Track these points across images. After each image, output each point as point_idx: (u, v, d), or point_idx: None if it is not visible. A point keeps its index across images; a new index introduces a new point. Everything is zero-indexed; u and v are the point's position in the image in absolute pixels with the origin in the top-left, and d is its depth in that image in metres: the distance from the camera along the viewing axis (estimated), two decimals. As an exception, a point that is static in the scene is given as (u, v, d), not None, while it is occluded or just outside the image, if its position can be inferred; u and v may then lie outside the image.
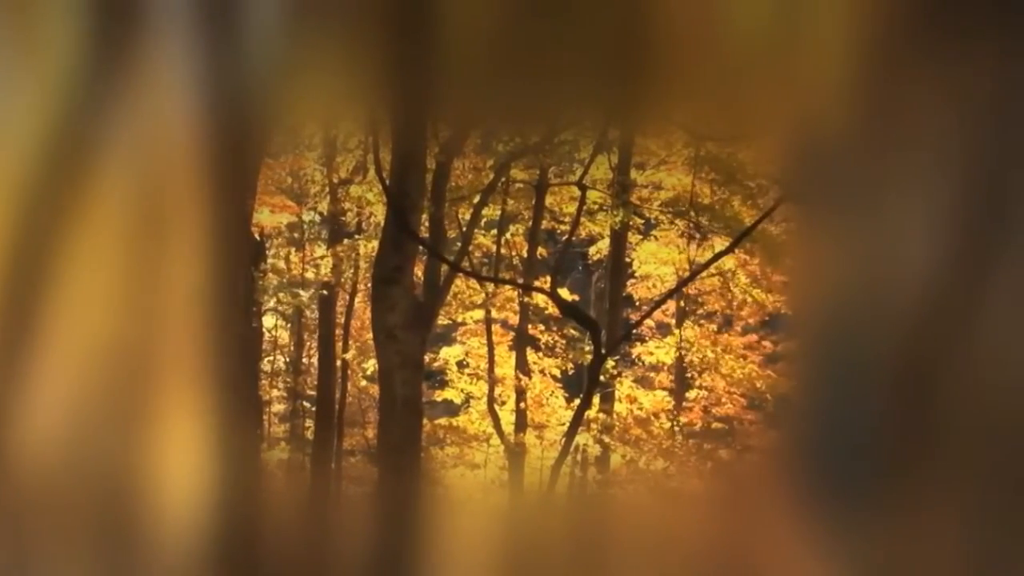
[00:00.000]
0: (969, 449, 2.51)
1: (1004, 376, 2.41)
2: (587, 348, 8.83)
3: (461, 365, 9.75)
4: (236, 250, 2.68)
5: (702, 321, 10.00)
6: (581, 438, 8.87)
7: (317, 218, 8.83)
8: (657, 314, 9.83)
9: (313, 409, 8.79)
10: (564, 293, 9.52)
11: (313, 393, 8.87)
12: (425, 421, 8.66)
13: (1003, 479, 2.44)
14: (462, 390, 9.60)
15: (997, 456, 2.45)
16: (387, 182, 6.86)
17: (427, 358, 9.28)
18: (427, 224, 7.67)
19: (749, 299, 9.75)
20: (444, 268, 7.95)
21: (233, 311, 2.68)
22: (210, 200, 2.62)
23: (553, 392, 9.53)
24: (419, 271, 7.75)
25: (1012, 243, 2.34)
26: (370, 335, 7.49)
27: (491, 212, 9.16)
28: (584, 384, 8.76)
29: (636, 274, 10.14)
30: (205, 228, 2.62)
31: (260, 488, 2.68)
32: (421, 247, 7.43)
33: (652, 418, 9.58)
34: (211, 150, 2.62)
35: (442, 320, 9.34)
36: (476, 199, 8.46)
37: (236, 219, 2.69)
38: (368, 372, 8.92)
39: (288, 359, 9.31)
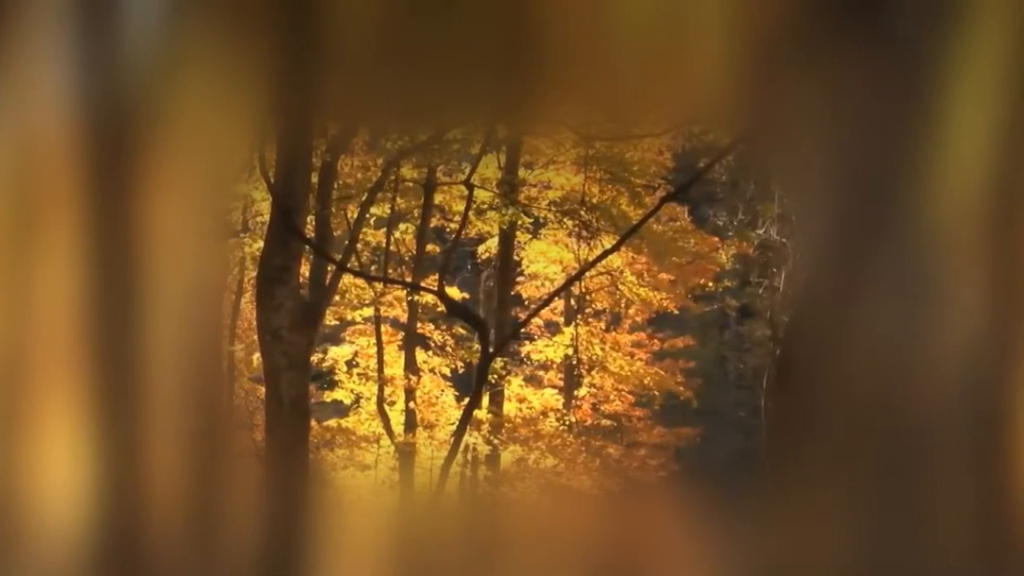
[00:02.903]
0: (850, 438, 2.57)
1: (881, 368, 2.48)
2: (476, 347, 8.84)
3: (350, 365, 9.67)
4: (120, 251, 2.61)
5: (590, 319, 10.10)
6: (471, 437, 8.88)
7: (201, 217, 8.62)
8: (546, 313, 9.90)
9: (198, 411, 8.58)
10: (453, 292, 9.52)
11: (198, 395, 8.66)
12: (315, 423, 8.56)
13: (881, 465, 2.51)
14: (352, 390, 9.52)
15: (876, 444, 2.52)
16: (272, 180, 6.76)
17: (316, 358, 9.18)
18: (314, 223, 7.59)
19: (636, 297, 9.88)
20: (332, 267, 7.88)
21: (120, 313, 2.61)
22: (88, 201, 2.55)
23: (443, 391, 9.52)
24: (306, 270, 7.66)
25: (887, 240, 2.41)
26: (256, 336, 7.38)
27: (382, 210, 9.11)
28: (473, 383, 8.77)
29: (525, 272, 10.20)
30: (84, 230, 2.55)
31: (145, 492, 2.62)
32: (307, 246, 7.34)
33: (541, 416, 9.64)
34: (89, 150, 2.55)
35: (331, 319, 9.25)
36: (364, 198, 8.40)
37: (118, 220, 2.61)
38: (255, 373, 8.79)
39: (172, 361, 9.04)
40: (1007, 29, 2.30)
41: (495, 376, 9.10)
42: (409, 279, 9.21)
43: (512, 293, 9.98)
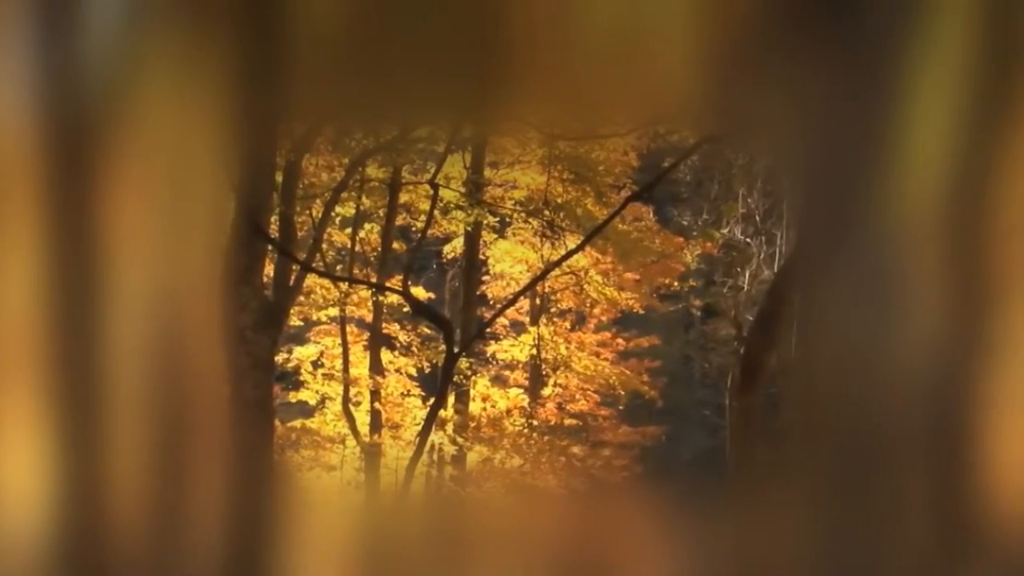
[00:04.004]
0: (813, 436, 2.59)
1: (845, 366, 2.50)
2: (442, 347, 8.84)
3: (315, 365, 9.63)
4: (81, 251, 2.58)
5: (556, 319, 10.11)
6: (436, 437, 8.87)
7: (164, 216, 8.52)
8: (511, 312, 9.90)
9: (162, 412, 8.48)
10: (419, 292, 9.50)
11: (161, 396, 8.56)
12: (279, 424, 8.51)
13: (845, 463, 2.53)
14: (317, 391, 9.48)
15: (839, 442, 2.53)
16: (235, 180, 6.72)
17: (281, 358, 9.14)
18: (278, 223, 7.55)
19: (602, 297, 9.91)
20: (297, 267, 7.84)
21: (82, 313, 2.58)
22: (49, 202, 2.52)
23: (409, 391, 9.50)
24: (270, 270, 7.62)
25: (852, 239, 2.43)
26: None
27: (347, 210, 9.08)
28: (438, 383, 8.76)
29: (491, 272, 10.19)
30: (45, 230, 2.52)
31: (107, 494, 2.59)
32: (271, 246, 7.30)
33: (506, 416, 9.65)
34: (49, 150, 2.52)
35: (295, 320, 9.21)
36: (329, 197, 8.37)
37: (80, 220, 2.59)
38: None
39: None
40: (970, 30, 2.32)
41: (461, 376, 9.10)
42: (374, 279, 9.18)
43: (478, 293, 9.98)
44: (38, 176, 2.53)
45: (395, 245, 9.46)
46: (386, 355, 9.49)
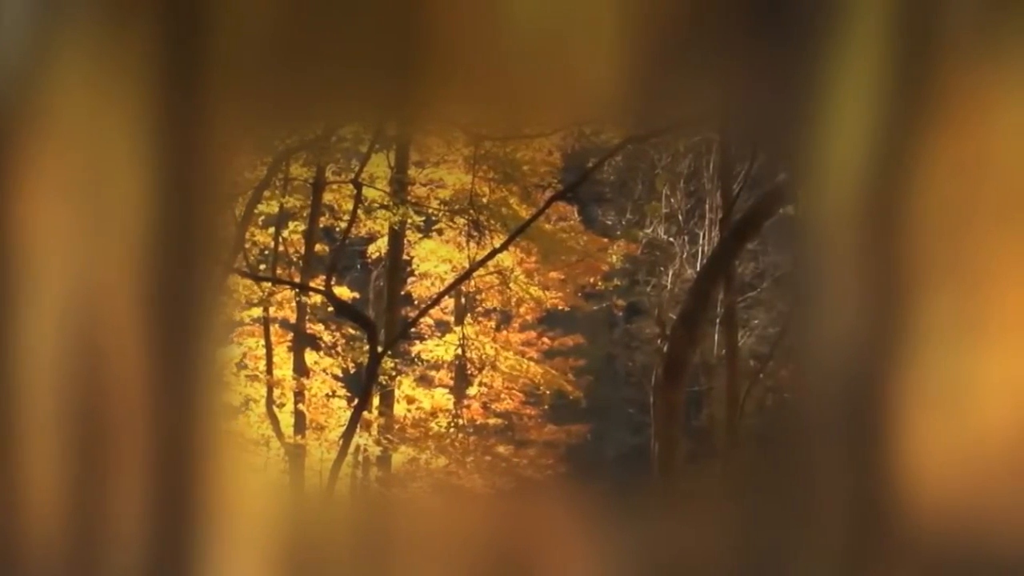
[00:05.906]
0: (734, 432, 2.62)
1: (765, 363, 2.53)
2: (367, 347, 8.79)
3: (239, 366, 9.52)
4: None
5: (481, 318, 10.12)
6: (360, 439, 8.82)
7: (82, 216, 8.34)
8: (436, 312, 9.89)
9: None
10: (344, 292, 9.44)
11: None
12: (200, 425, 8.37)
13: (765, 459, 2.56)
14: (240, 392, 9.37)
15: (759, 437, 2.57)
16: (155, 178, 6.60)
17: (202, 360, 8.99)
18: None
19: (527, 296, 9.94)
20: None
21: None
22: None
23: (334, 392, 9.43)
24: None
25: (775, 237, 2.46)
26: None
27: (270, 209, 9.00)
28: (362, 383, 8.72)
29: (416, 272, 10.16)
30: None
31: (25, 501, 2.54)
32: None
33: (431, 416, 9.63)
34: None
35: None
36: (251, 196, 8.28)
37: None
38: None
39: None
40: (892, 26, 2.37)
41: (386, 376, 9.06)
42: (298, 279, 9.10)
43: (403, 292, 9.94)
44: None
45: (319, 246, 9.40)
46: (311, 356, 9.42)
